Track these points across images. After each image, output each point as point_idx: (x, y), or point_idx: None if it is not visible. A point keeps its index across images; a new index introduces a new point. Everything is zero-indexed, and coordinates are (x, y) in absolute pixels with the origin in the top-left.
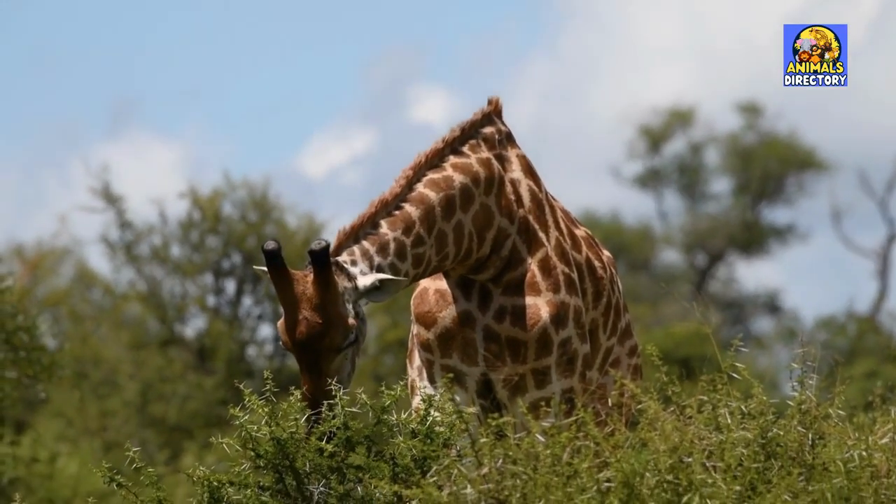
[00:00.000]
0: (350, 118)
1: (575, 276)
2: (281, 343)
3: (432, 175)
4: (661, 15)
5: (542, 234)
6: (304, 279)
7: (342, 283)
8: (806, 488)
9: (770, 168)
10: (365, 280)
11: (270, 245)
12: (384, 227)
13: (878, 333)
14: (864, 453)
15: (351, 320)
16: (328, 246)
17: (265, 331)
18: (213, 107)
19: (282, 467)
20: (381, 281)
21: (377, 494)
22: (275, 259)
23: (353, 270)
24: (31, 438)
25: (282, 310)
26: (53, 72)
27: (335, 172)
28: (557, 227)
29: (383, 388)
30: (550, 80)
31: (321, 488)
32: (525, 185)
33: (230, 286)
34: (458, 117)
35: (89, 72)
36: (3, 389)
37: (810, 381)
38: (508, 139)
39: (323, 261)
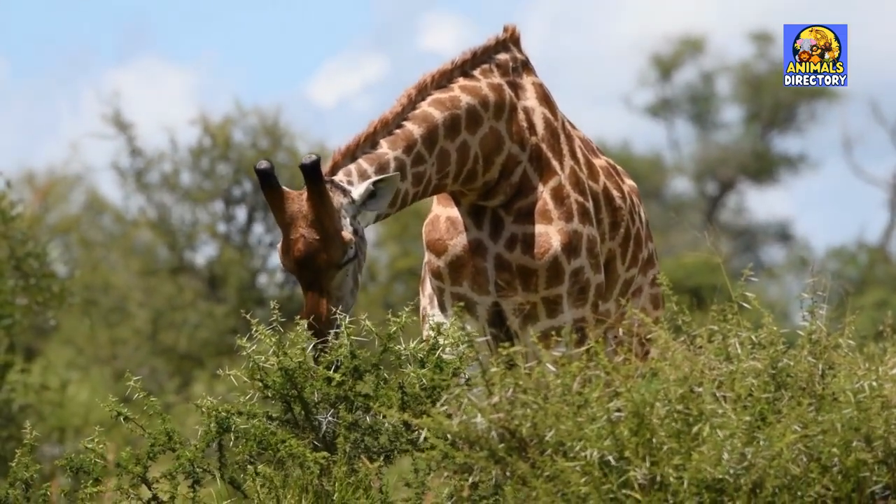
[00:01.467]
0: (361, 46)
1: (590, 205)
2: (281, 265)
3: (438, 94)
4: None
5: (555, 163)
6: (299, 197)
7: (338, 199)
8: (816, 418)
9: (781, 97)
10: (359, 189)
11: (263, 164)
12: (384, 146)
13: (888, 263)
14: (874, 383)
15: (348, 235)
16: (319, 160)
17: (276, 259)
18: (224, 33)
19: (290, 397)
20: (375, 183)
21: (385, 424)
22: (268, 178)
23: (349, 187)
24: (41, 366)
25: (279, 232)
26: None
27: (346, 100)
28: (573, 156)
29: (389, 316)
30: (561, 7)
31: (329, 418)
32: (539, 113)
33: (241, 213)
34: (469, 44)
35: None
36: (14, 316)
37: (821, 311)
38: (524, 67)
39: (315, 175)
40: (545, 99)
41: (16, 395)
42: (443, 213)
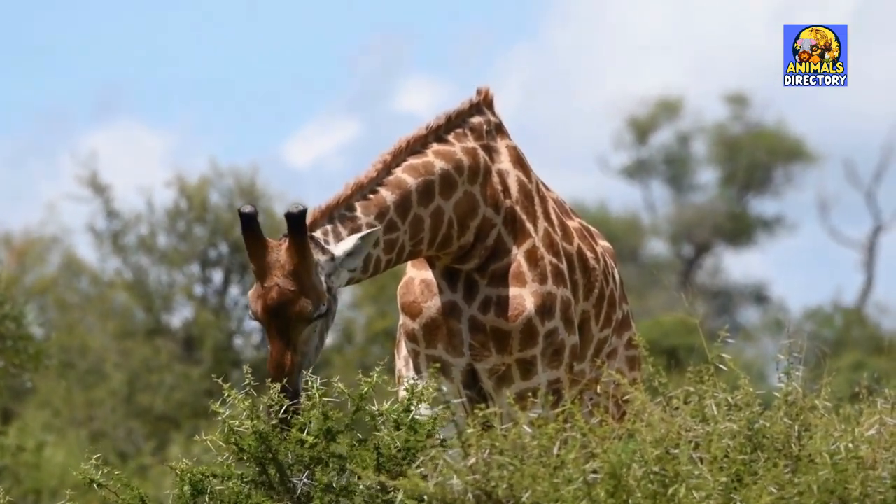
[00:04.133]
0: (336, 108)
1: (564, 267)
2: (250, 313)
3: (412, 160)
4: (649, 4)
5: (529, 225)
6: (279, 247)
7: (317, 255)
8: (792, 480)
9: (757, 159)
10: (344, 244)
11: (247, 208)
12: (358, 209)
13: (864, 325)
14: (850, 445)
15: (323, 291)
16: (305, 210)
17: (253, 322)
18: (200, 95)
19: (265, 460)
20: (362, 238)
21: (360, 486)
22: (251, 222)
23: (328, 245)
24: (17, 428)
25: (254, 279)
26: (41, 58)
27: (321, 162)
28: (547, 218)
29: (360, 376)
30: (538, 69)
31: (304, 479)
32: (514, 176)
33: (217, 276)
34: (444, 107)
35: (77, 59)
36: None
37: (797, 373)
38: (498, 130)
39: (300, 226)
40: (519, 161)
41: None
42: (417, 275)
